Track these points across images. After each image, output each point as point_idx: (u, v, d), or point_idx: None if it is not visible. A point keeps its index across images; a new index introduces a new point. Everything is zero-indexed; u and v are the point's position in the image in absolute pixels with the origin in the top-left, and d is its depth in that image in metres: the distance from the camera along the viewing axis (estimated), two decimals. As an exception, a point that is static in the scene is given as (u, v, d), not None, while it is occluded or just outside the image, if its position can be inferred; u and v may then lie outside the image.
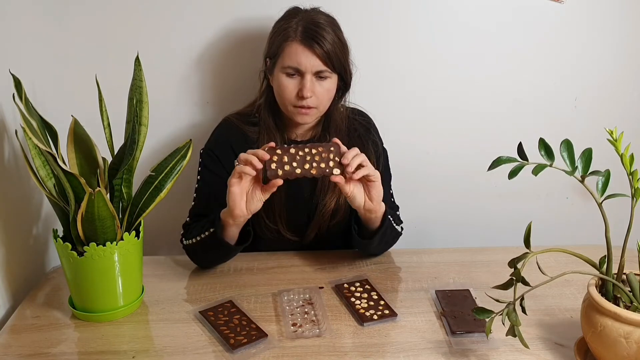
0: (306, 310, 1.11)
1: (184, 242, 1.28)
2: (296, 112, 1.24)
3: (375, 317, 1.08)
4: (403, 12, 1.50)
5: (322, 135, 1.32)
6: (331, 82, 1.23)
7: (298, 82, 1.20)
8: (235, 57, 1.50)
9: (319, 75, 1.20)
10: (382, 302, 1.13)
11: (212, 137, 1.35)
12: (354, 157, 1.10)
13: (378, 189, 1.15)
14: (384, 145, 1.39)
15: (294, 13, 1.24)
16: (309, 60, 1.18)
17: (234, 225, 1.18)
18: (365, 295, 1.16)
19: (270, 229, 1.32)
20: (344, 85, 1.28)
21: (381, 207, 1.19)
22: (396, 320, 1.09)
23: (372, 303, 1.13)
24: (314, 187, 1.32)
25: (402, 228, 1.35)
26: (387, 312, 1.10)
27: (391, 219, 1.25)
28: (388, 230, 1.25)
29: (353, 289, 1.18)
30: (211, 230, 1.19)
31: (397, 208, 1.43)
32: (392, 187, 1.42)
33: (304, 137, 1.34)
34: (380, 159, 1.35)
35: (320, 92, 1.22)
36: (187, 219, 1.33)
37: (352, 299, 1.14)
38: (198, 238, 1.22)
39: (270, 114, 1.30)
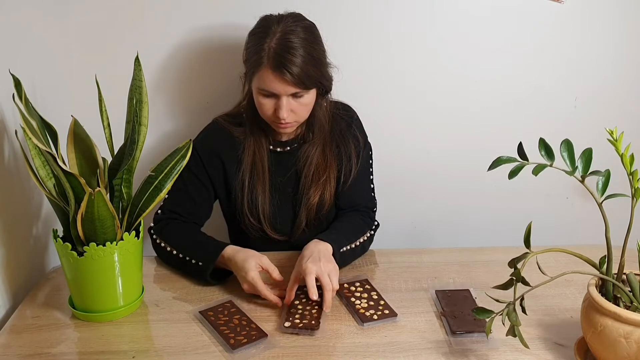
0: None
1: (156, 239, 1.29)
2: (276, 126, 1.25)
3: (375, 317, 1.08)
4: (402, 10, 1.49)
5: (306, 134, 1.33)
6: (309, 97, 1.22)
7: (274, 102, 1.20)
8: (235, 58, 1.49)
9: (294, 95, 1.19)
10: (382, 302, 1.13)
11: (199, 136, 1.35)
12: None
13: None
14: (367, 139, 1.39)
15: (267, 27, 1.18)
16: (282, 86, 1.16)
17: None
18: (365, 295, 1.16)
19: (254, 227, 1.33)
20: (324, 90, 1.27)
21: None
22: (396, 320, 1.09)
23: (372, 303, 1.13)
24: (297, 183, 1.33)
25: (377, 225, 1.38)
26: (387, 312, 1.10)
27: (345, 248, 1.26)
28: (346, 258, 1.27)
29: (353, 289, 1.18)
30: (200, 263, 1.20)
31: (374, 206, 1.42)
32: (373, 183, 1.42)
33: (289, 136, 1.34)
34: (360, 154, 1.35)
35: (297, 108, 1.21)
36: (159, 211, 1.33)
37: (352, 299, 1.14)
38: (180, 255, 1.24)
39: (255, 116, 1.29)
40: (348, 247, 1.27)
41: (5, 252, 1.16)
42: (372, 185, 1.42)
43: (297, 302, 1.12)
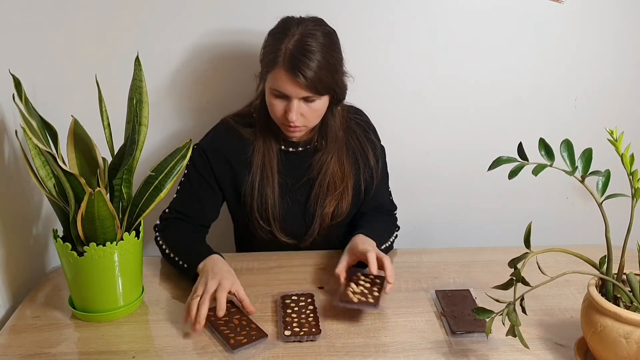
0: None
1: (158, 238, 1.29)
2: (284, 128, 1.24)
3: (355, 299, 1.07)
4: (403, 13, 1.50)
5: (318, 141, 1.32)
6: (320, 103, 1.21)
7: (286, 104, 1.19)
8: (235, 58, 1.50)
9: (306, 99, 1.19)
10: (375, 294, 1.10)
11: (207, 136, 1.34)
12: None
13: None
14: (381, 142, 1.39)
15: (285, 30, 1.18)
16: (294, 89, 1.16)
17: None
18: (368, 285, 1.13)
19: (264, 229, 1.32)
20: (337, 99, 1.26)
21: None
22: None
23: (366, 291, 1.10)
24: (309, 193, 1.33)
25: (398, 227, 1.39)
26: (371, 300, 1.07)
27: (382, 247, 1.27)
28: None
29: (364, 277, 1.15)
30: (185, 265, 1.20)
31: (395, 208, 1.43)
32: (390, 186, 1.42)
33: (300, 139, 1.33)
34: (379, 158, 1.36)
35: (307, 113, 1.21)
36: (166, 210, 1.33)
37: (352, 284, 1.12)
38: (172, 255, 1.24)
39: (266, 117, 1.29)
40: (384, 247, 1.29)
41: (5, 252, 1.16)
42: (389, 189, 1.42)
43: (289, 311, 1.10)
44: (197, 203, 1.31)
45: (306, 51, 1.14)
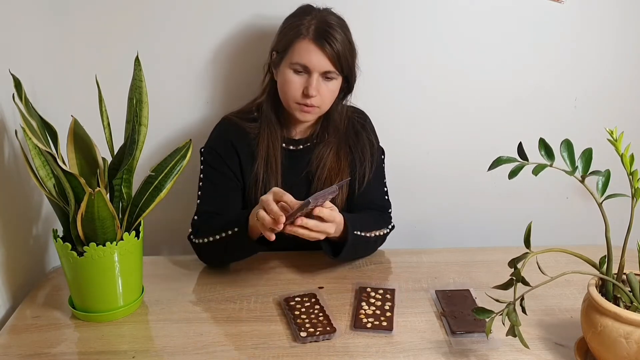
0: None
1: (195, 240, 1.26)
2: (298, 109, 1.24)
3: (368, 325, 1.07)
4: (405, 13, 1.50)
5: (320, 134, 1.33)
6: (336, 84, 1.24)
7: (305, 80, 1.21)
8: (234, 57, 1.50)
9: (325, 75, 1.21)
10: (387, 314, 1.10)
11: (212, 135, 1.35)
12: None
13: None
14: (380, 144, 1.40)
15: (306, 11, 1.23)
16: (319, 60, 1.18)
17: None
18: (379, 303, 1.13)
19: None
20: (347, 87, 1.29)
21: (333, 232, 1.15)
22: (389, 334, 1.05)
23: (378, 312, 1.10)
24: (309, 186, 1.33)
25: (392, 226, 1.37)
26: (384, 324, 1.07)
27: (359, 232, 1.23)
28: (358, 244, 1.24)
29: (373, 294, 1.16)
30: (235, 229, 1.16)
31: (389, 207, 1.42)
32: (386, 186, 1.42)
33: (304, 134, 1.34)
34: (374, 157, 1.36)
35: (324, 92, 1.22)
36: (195, 217, 1.31)
37: (362, 303, 1.13)
38: (217, 237, 1.20)
39: (273, 109, 1.30)
40: (362, 233, 1.24)
41: (5, 252, 1.16)
42: (385, 189, 1.42)
43: (297, 312, 1.10)
44: (221, 198, 1.31)
45: (331, 26, 1.20)
